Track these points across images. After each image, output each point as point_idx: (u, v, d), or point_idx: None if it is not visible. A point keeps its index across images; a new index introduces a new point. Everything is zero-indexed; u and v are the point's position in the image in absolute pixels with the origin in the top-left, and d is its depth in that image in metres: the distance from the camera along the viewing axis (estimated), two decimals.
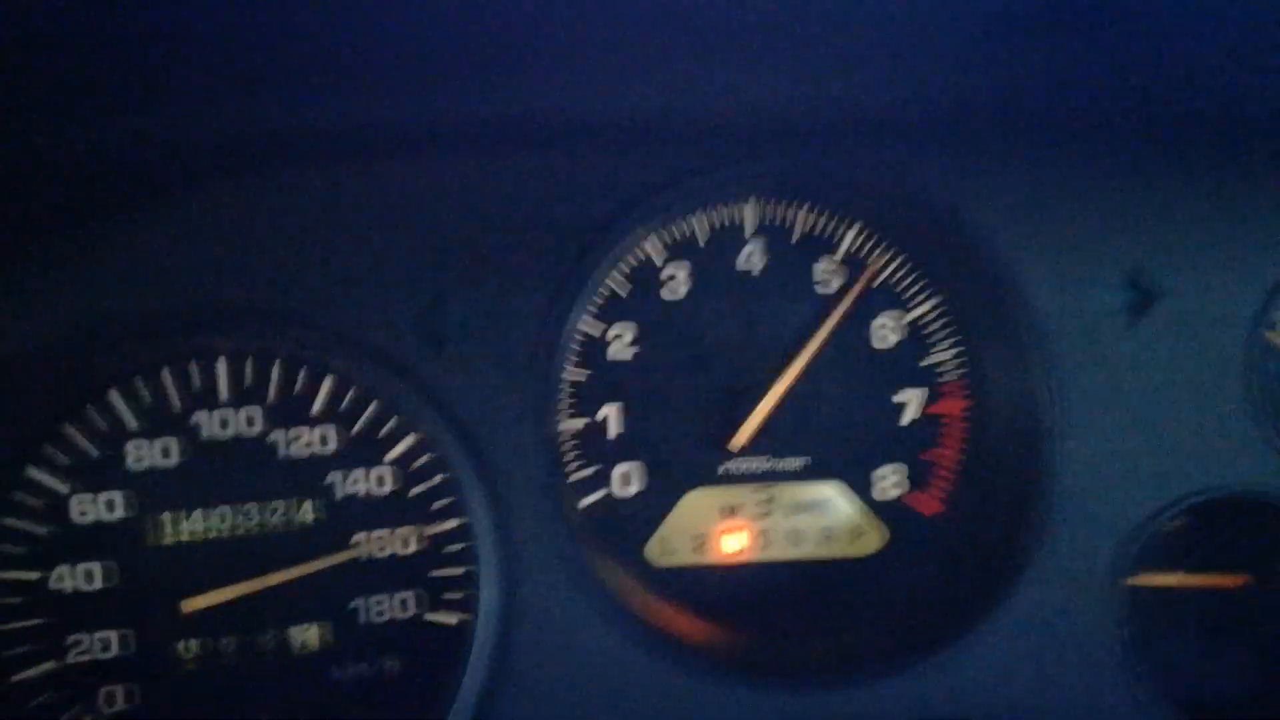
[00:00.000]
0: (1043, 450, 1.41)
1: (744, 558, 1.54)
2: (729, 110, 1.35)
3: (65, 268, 1.23)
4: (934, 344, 1.53)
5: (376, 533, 1.36)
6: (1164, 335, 1.40)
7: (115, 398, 1.28)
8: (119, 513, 1.29)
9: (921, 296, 1.52)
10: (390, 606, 1.37)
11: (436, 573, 1.37)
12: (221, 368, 1.31)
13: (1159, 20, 1.12)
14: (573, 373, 1.46)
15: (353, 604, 1.36)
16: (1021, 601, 1.40)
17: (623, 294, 1.46)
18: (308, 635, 1.35)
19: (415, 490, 1.37)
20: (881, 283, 1.51)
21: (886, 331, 1.52)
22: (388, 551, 1.37)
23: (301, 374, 1.33)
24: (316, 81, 1.17)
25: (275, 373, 1.33)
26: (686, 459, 1.51)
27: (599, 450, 1.49)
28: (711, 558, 1.53)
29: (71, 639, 1.28)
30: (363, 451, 1.35)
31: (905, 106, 1.36)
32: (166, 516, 1.31)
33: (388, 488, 1.36)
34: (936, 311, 1.52)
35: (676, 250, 1.47)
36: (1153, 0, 1.06)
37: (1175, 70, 1.27)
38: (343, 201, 1.30)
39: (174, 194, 1.26)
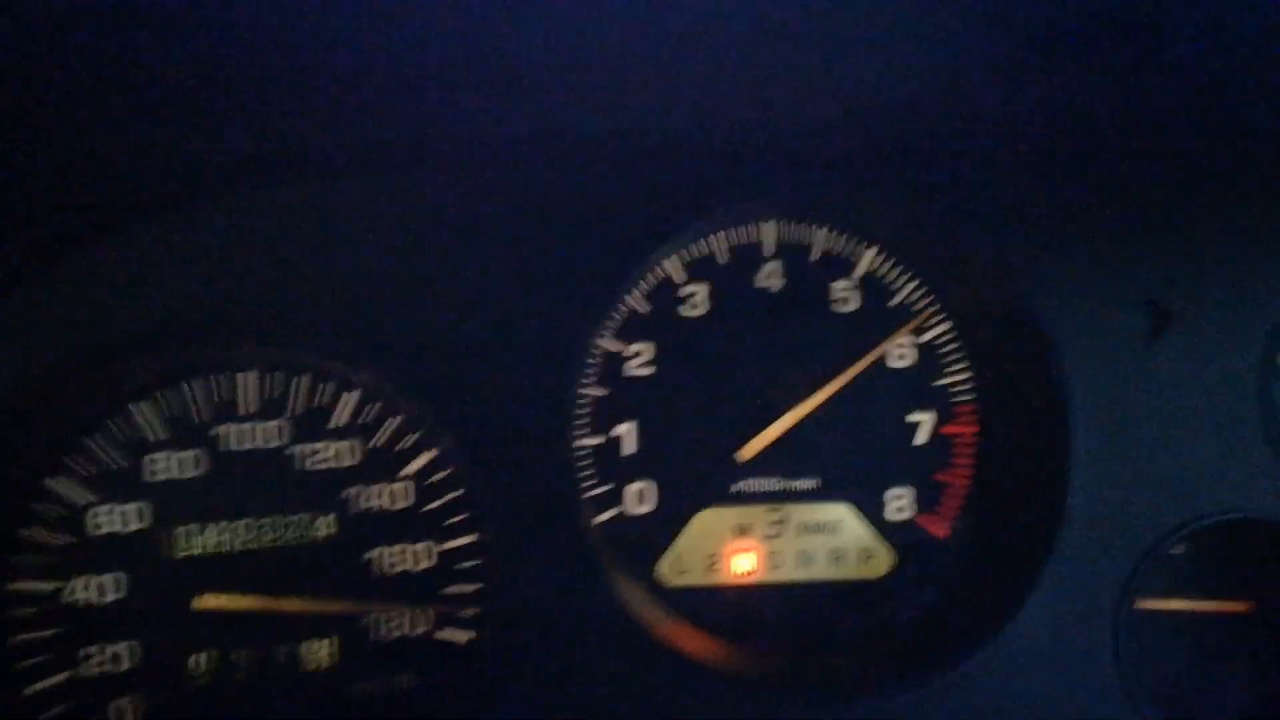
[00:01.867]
0: (1054, 473, 1.42)
1: (755, 578, 1.54)
2: (751, 132, 1.36)
3: (90, 280, 1.22)
4: (947, 365, 1.54)
5: (392, 547, 1.36)
6: (1177, 359, 1.42)
7: (138, 410, 1.28)
8: (136, 524, 1.29)
9: (937, 318, 1.53)
10: (403, 623, 1.36)
11: (449, 589, 1.37)
12: (246, 381, 1.31)
13: (1176, 47, 1.14)
14: (591, 389, 1.47)
15: (364, 620, 1.35)
16: (1027, 624, 1.41)
17: (643, 311, 1.47)
18: (320, 651, 1.34)
19: (430, 506, 1.37)
20: (899, 303, 1.52)
21: (903, 351, 1.53)
22: (400, 568, 1.36)
23: (325, 388, 1.33)
24: (341, 96, 1.18)
25: (299, 386, 1.33)
26: (700, 477, 1.51)
27: (613, 467, 1.49)
28: (722, 577, 1.54)
29: (85, 651, 1.27)
30: (381, 465, 1.35)
31: (923, 131, 1.38)
32: (183, 529, 1.30)
33: (405, 502, 1.36)
34: (950, 333, 1.53)
35: (697, 269, 1.48)
36: (1170, 27, 1.08)
37: (1193, 98, 1.29)
38: (367, 217, 1.30)
39: (199, 207, 1.26)
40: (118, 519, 1.28)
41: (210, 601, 1.29)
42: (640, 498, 1.50)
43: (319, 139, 1.29)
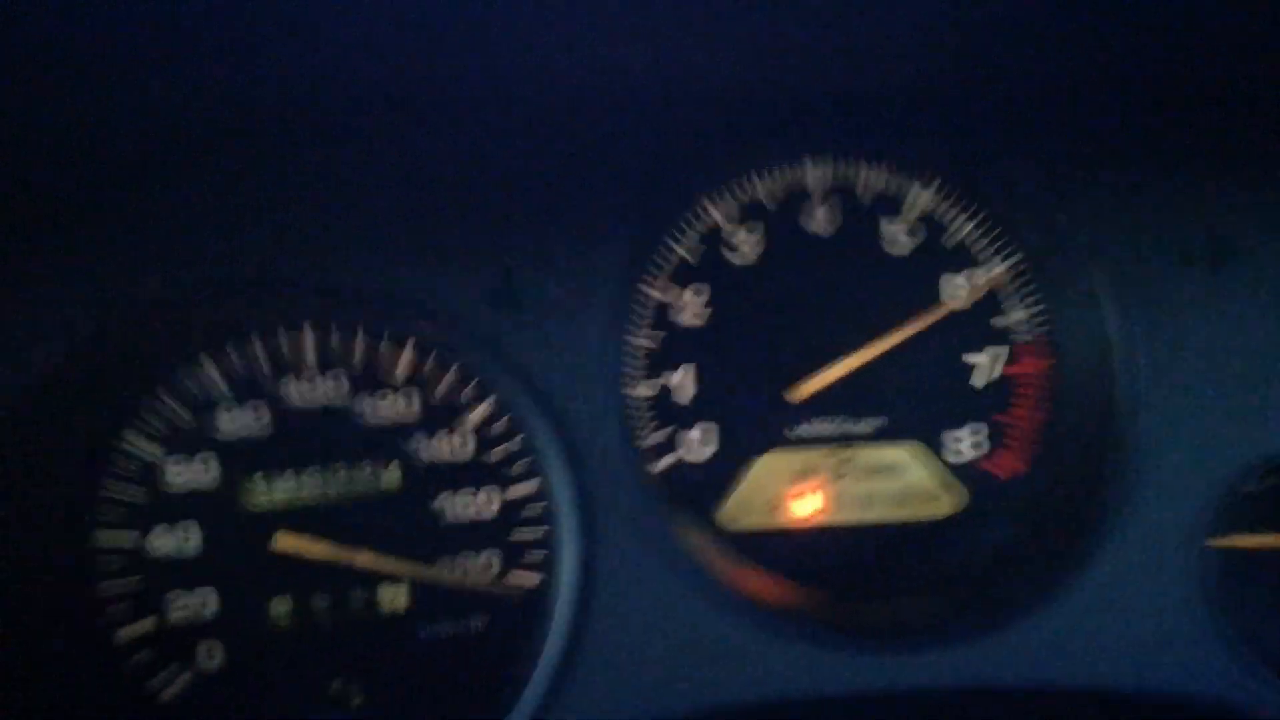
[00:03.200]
0: (1124, 410, 1.39)
1: (817, 521, 1.54)
2: (795, 69, 1.34)
3: (153, 237, 1.27)
4: (1009, 304, 1.51)
5: (459, 494, 1.39)
6: (1245, 291, 1.37)
7: (207, 364, 1.33)
8: (212, 477, 1.34)
9: (997, 256, 1.50)
10: (474, 567, 1.40)
11: (517, 534, 1.40)
12: (307, 336, 1.35)
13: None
14: (645, 337, 1.48)
15: (439, 564, 1.39)
16: (1103, 565, 1.38)
17: (693, 259, 1.47)
18: (396, 595, 1.38)
19: (494, 453, 1.40)
20: (956, 243, 1.50)
21: (961, 291, 1.50)
22: (466, 515, 1.39)
23: (383, 342, 1.36)
24: (390, 51, 1.19)
25: (359, 341, 1.36)
26: (758, 422, 1.51)
27: (671, 415, 1.50)
28: (785, 521, 1.54)
29: (170, 597, 1.33)
30: (443, 416, 1.39)
31: (974, 62, 1.34)
32: (253, 482, 1.35)
33: (468, 451, 1.39)
34: (1012, 271, 1.50)
35: (746, 214, 1.48)
36: None
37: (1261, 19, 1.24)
38: (418, 171, 1.32)
39: (254, 164, 1.29)
40: (192, 472, 1.33)
41: (286, 542, 1.34)
42: (700, 444, 1.51)
43: (370, 96, 1.31)
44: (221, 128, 1.25)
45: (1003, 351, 1.52)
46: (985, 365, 1.52)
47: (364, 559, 1.35)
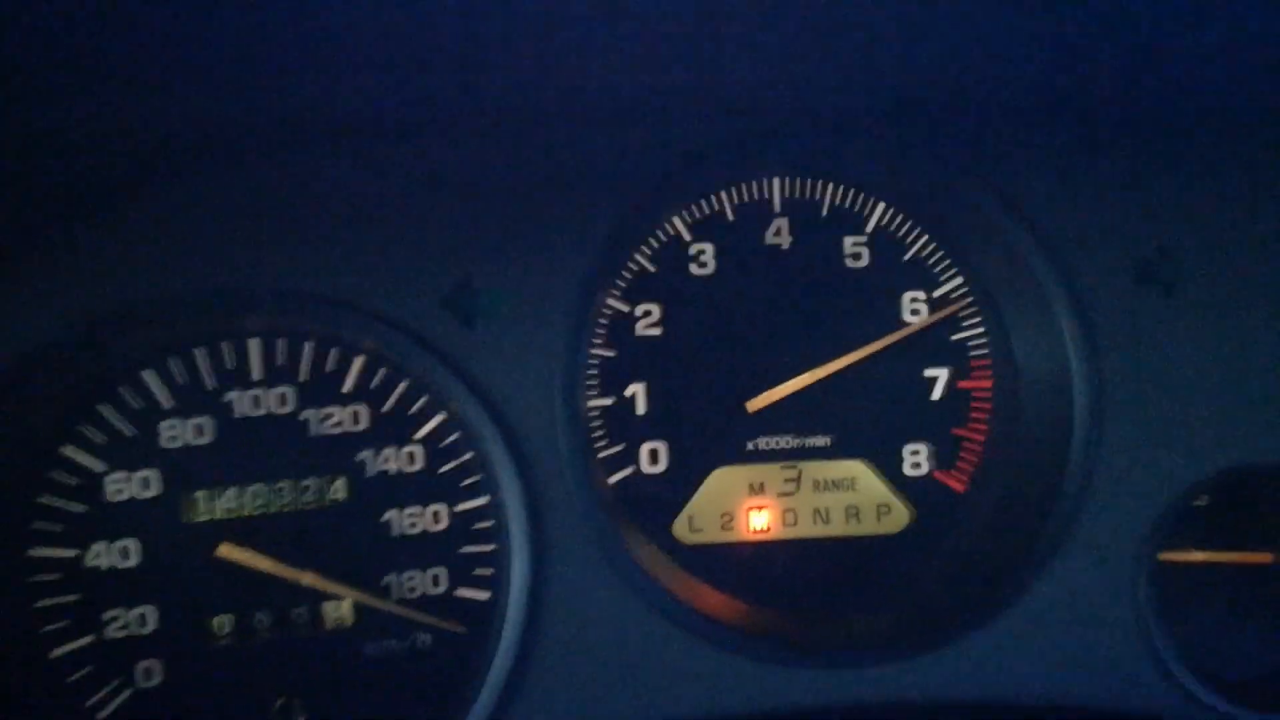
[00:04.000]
0: (1076, 425, 1.40)
1: (771, 535, 1.54)
2: (755, 89, 1.34)
3: (98, 251, 1.24)
4: (963, 320, 1.52)
5: (407, 509, 1.37)
6: (1194, 309, 1.39)
7: (149, 377, 1.29)
8: (153, 490, 1.31)
9: (950, 272, 1.51)
10: (422, 582, 1.38)
11: (466, 549, 1.38)
12: (254, 347, 1.32)
13: (1186, 9, 1.10)
14: (600, 350, 1.46)
15: (385, 579, 1.37)
16: (1055, 577, 1.39)
17: (652, 272, 1.46)
18: (341, 611, 1.36)
19: (444, 468, 1.38)
20: (911, 258, 1.50)
21: (918, 307, 1.51)
22: (415, 530, 1.37)
23: (333, 353, 1.34)
24: (346, 62, 1.16)
25: (307, 352, 1.34)
26: (713, 436, 1.51)
27: (626, 427, 1.49)
28: (739, 535, 1.54)
29: (109, 614, 1.30)
30: (393, 429, 1.36)
31: (935, 86, 1.35)
32: (201, 494, 1.32)
33: (417, 465, 1.37)
34: (964, 288, 1.51)
35: (704, 228, 1.47)
36: None
37: (1210, 36, 1.25)
38: (372, 180, 1.30)
39: (204, 176, 1.27)
40: (133, 485, 1.30)
41: (229, 552, 1.31)
42: (654, 457, 1.50)
43: (321, 107, 1.29)
44: (170, 142, 1.23)
45: (956, 367, 1.52)
46: (944, 379, 1.53)
47: (308, 579, 1.33)
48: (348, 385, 1.35)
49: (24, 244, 1.22)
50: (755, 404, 1.48)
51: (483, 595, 1.38)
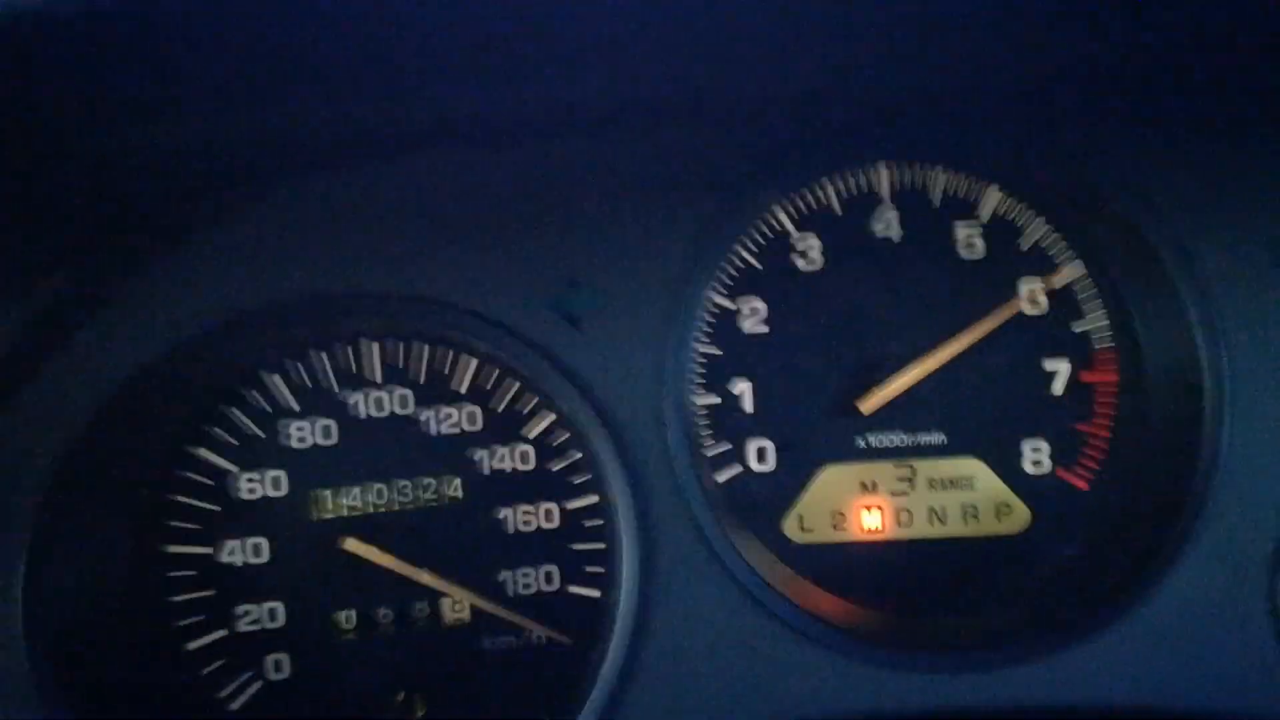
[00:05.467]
0: (1204, 420, 1.33)
1: (885, 535, 1.50)
2: (860, 73, 1.31)
3: (213, 260, 1.29)
4: (1085, 310, 1.46)
5: (519, 507, 1.39)
6: None
7: (269, 378, 1.35)
8: (283, 489, 1.36)
9: (1072, 260, 1.45)
10: (535, 579, 1.40)
11: (577, 546, 1.39)
12: (372, 349, 1.36)
13: None
14: (705, 347, 1.46)
15: (500, 576, 1.39)
16: (1180, 581, 1.32)
17: (756, 267, 1.45)
18: (460, 607, 1.39)
19: (554, 466, 1.39)
20: (1031, 246, 1.45)
21: (1037, 296, 1.45)
22: (526, 527, 1.39)
23: (446, 355, 1.37)
24: (449, 69, 1.19)
25: (423, 354, 1.37)
26: (821, 433, 1.48)
27: (733, 425, 1.48)
28: (851, 535, 1.50)
29: (241, 609, 1.36)
30: (504, 429, 1.39)
31: (1054, 70, 1.30)
32: (326, 492, 1.37)
33: (529, 464, 1.39)
34: (1091, 273, 1.45)
35: (810, 220, 1.45)
36: None
37: None
38: (479, 185, 1.33)
39: (319, 183, 1.31)
40: (260, 484, 1.35)
41: (353, 546, 1.35)
42: (762, 455, 1.48)
43: (433, 114, 1.32)
44: (285, 146, 1.27)
45: (1078, 359, 1.46)
46: (1065, 372, 1.47)
47: (425, 577, 1.36)
48: (461, 386, 1.38)
49: (150, 249, 1.28)
50: (868, 404, 1.45)
51: (593, 593, 1.39)
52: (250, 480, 1.35)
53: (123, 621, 1.31)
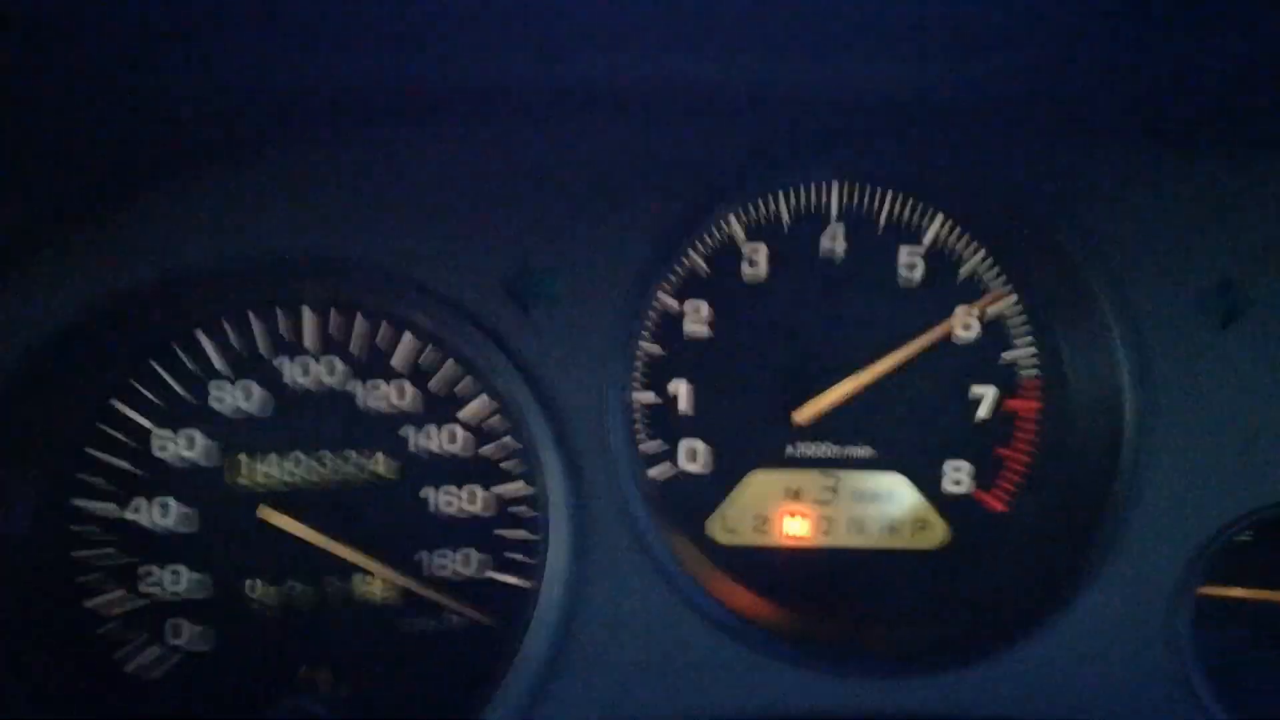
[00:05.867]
0: (1122, 452, 1.39)
1: (806, 542, 1.53)
2: (817, 91, 1.33)
3: (159, 214, 1.24)
4: (1013, 340, 1.51)
5: (445, 489, 1.37)
6: (1253, 342, 1.36)
7: (202, 339, 1.30)
8: (198, 451, 1.31)
9: (1008, 289, 1.50)
10: (454, 562, 1.38)
11: (501, 533, 1.38)
12: (307, 316, 1.33)
13: (1258, 21, 1.09)
14: (648, 345, 1.46)
15: (419, 557, 1.37)
16: (1088, 606, 1.37)
17: (703, 272, 1.46)
18: (374, 585, 1.36)
19: (485, 450, 1.38)
20: (969, 274, 1.49)
21: (969, 323, 1.50)
22: (453, 510, 1.37)
23: (384, 328, 1.34)
24: (412, 39, 1.17)
25: (358, 325, 1.34)
26: (753, 439, 1.50)
27: (668, 424, 1.49)
28: (774, 540, 1.53)
29: (143, 570, 1.31)
30: (437, 408, 1.37)
31: (998, 94, 1.34)
32: (244, 458, 1.33)
33: (460, 446, 1.37)
34: (1021, 305, 1.50)
35: (759, 231, 1.46)
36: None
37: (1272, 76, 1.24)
38: (438, 160, 1.30)
39: (267, 146, 1.27)
40: (182, 444, 1.30)
41: (267, 515, 1.32)
42: (693, 455, 1.50)
43: (386, 83, 1.29)
44: (233, 109, 1.23)
45: (1003, 386, 1.51)
46: (991, 397, 1.52)
47: (340, 550, 1.33)
48: (396, 361, 1.35)
49: (86, 204, 1.23)
50: (803, 414, 1.47)
51: (517, 581, 1.37)
52: (164, 439, 1.30)
53: (26, 575, 1.25)
